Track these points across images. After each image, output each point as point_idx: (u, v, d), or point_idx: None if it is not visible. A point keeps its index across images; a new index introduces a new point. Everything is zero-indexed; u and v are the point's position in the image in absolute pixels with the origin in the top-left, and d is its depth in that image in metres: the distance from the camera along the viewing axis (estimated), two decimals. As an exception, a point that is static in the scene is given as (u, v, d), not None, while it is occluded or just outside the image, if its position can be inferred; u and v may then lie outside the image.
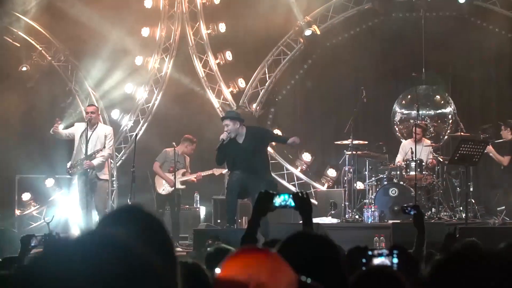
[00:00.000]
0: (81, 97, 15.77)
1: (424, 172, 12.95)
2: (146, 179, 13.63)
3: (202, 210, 14.21)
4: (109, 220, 1.94)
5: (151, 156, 13.45)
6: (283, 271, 1.92)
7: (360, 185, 13.94)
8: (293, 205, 3.95)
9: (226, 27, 15.71)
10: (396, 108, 15.21)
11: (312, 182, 15.39)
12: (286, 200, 3.95)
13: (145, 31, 15.85)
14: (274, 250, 2.30)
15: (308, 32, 15.20)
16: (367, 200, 13.24)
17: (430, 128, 14.63)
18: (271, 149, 14.33)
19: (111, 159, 13.83)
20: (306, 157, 15.54)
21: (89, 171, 11.49)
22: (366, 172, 13.51)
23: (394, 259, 3.22)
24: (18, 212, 15.16)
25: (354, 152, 13.36)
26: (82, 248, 1.37)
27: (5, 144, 14.87)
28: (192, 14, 15.85)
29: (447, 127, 14.84)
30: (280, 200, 3.95)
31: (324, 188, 15.08)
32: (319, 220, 12.42)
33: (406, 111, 15.13)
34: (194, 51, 15.83)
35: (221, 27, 15.72)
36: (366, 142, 13.80)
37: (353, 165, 13.48)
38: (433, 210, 12.84)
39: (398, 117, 15.21)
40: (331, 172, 15.29)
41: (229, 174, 11.04)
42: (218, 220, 13.42)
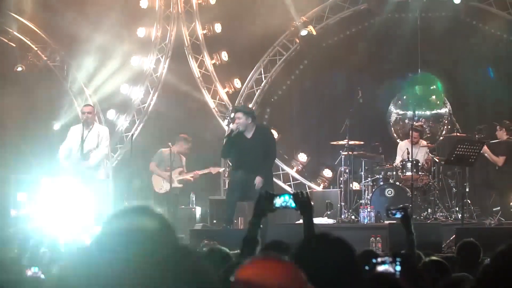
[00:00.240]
0: (77, 97, 15.74)
1: (420, 173, 12.95)
2: (142, 179, 13.60)
3: (198, 211, 14.19)
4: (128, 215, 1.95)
5: (147, 156, 13.43)
6: (297, 281, 1.92)
7: (356, 186, 13.95)
8: (294, 206, 3.94)
9: (222, 28, 15.69)
10: (392, 109, 15.22)
11: (308, 183, 15.39)
12: (287, 201, 3.94)
13: (141, 31, 15.82)
14: (292, 253, 2.31)
15: (304, 33, 15.20)
16: (363, 201, 13.22)
17: (426, 129, 14.65)
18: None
19: (107, 160, 13.78)
20: (302, 158, 15.54)
21: (85, 171, 11.45)
22: (362, 173, 13.49)
23: (397, 267, 3.24)
24: (14, 213, 15.08)
25: (350, 153, 13.34)
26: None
27: (1, 144, 14.81)
28: (188, 14, 15.83)
29: (443, 128, 14.86)
30: (281, 201, 3.94)
31: (320, 189, 15.08)
32: (315, 221, 12.38)
33: (402, 112, 15.15)
34: (190, 51, 15.82)
35: (217, 28, 15.70)
36: (362, 143, 13.78)
37: (349, 166, 13.46)
38: (429, 211, 12.85)
39: (394, 118, 15.23)
40: (327, 173, 15.30)
41: (231, 173, 11.00)
42: (214, 221, 13.41)
